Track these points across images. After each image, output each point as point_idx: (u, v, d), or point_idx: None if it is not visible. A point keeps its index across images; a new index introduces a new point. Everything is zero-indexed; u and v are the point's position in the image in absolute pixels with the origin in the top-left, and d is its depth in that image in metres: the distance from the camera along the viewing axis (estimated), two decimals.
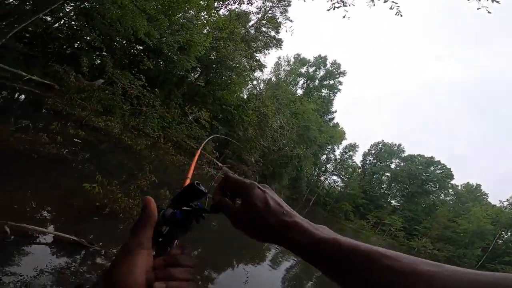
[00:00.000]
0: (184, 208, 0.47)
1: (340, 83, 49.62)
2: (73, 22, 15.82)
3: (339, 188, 52.71)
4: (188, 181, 0.57)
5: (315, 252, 0.40)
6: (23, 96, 10.47)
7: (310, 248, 0.40)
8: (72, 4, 14.47)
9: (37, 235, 3.59)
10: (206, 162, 12.52)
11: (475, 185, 51.17)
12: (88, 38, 15.08)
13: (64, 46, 15.98)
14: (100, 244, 4.07)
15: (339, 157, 51.45)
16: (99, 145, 9.37)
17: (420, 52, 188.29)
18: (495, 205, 46.16)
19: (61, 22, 15.76)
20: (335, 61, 49.74)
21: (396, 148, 56.26)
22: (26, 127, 5.81)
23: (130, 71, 14.93)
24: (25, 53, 12.24)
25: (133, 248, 0.38)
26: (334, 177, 52.39)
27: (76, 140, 7.86)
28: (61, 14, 15.05)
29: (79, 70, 12.41)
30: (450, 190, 50.40)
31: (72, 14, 15.41)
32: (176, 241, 0.46)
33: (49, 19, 14.78)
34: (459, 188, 51.01)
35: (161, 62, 18.93)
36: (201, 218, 0.48)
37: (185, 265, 0.41)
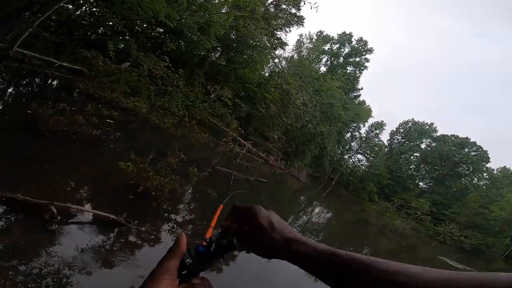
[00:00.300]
0: (206, 246, 0.51)
1: (367, 60, 48.30)
2: (94, 9, 16.13)
3: (363, 167, 51.37)
4: (211, 230, 0.59)
5: (320, 263, 0.44)
6: (55, 82, 11.06)
7: (314, 259, 0.44)
8: None
9: (77, 213, 3.78)
10: (232, 140, 12.70)
11: None
12: (110, 23, 15.36)
13: (89, 33, 16.45)
14: (136, 222, 4.23)
15: (364, 135, 49.80)
16: (129, 124, 9.82)
17: (457, 29, 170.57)
18: None
19: (82, 9, 16.11)
20: (361, 38, 48.34)
21: (427, 127, 52.78)
22: (63, 110, 6.07)
23: (153, 53, 15.18)
24: (53, 41, 12.77)
25: (160, 274, 0.43)
26: (359, 156, 51.04)
27: (108, 120, 8.26)
28: (81, 1, 15.37)
29: (106, 55, 12.82)
30: (484, 174, 46.87)
31: (92, 0, 15.70)
32: (199, 274, 0.50)
33: (70, 7, 15.14)
34: (495, 172, 47.32)
35: (182, 43, 19.01)
36: (223, 256, 0.52)
37: None
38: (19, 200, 3.20)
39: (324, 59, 49.69)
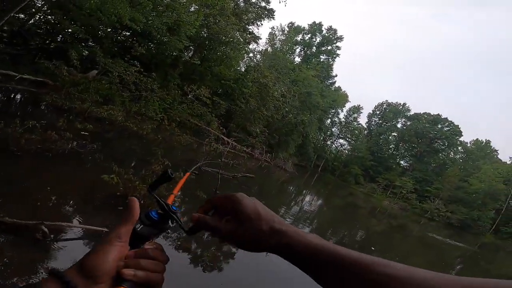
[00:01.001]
0: (160, 211, 0.49)
1: (338, 48, 50.06)
2: (49, 17, 15.20)
3: (346, 151, 52.99)
4: (172, 197, 0.58)
5: (309, 258, 0.40)
6: (19, 96, 10.34)
7: (304, 253, 0.41)
8: None
9: (69, 229, 3.71)
10: (214, 139, 12.52)
11: (484, 141, 50.24)
12: (70, 30, 14.53)
13: (47, 41, 15.51)
14: None
15: (343, 119, 51.19)
16: (105, 134, 9.39)
17: (414, 13, 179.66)
18: (506, 162, 45.74)
19: (36, 18, 15.20)
20: (330, 26, 50.12)
21: (401, 107, 55.21)
22: (33, 127, 5.76)
23: (122, 59, 14.59)
24: (9, 52, 11.88)
25: (111, 238, 0.41)
26: (341, 141, 52.64)
27: (83, 133, 7.85)
28: (33, 10, 14.45)
29: (69, 64, 12.12)
30: (459, 148, 49.63)
31: (45, 8, 14.76)
32: (150, 240, 0.48)
33: (22, 16, 14.21)
34: (468, 145, 50.10)
35: (151, 46, 18.42)
36: (178, 223, 0.49)
37: (155, 258, 0.43)
38: (8, 223, 3.17)
39: (298, 50, 50.79)
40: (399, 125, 54.60)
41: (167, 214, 0.49)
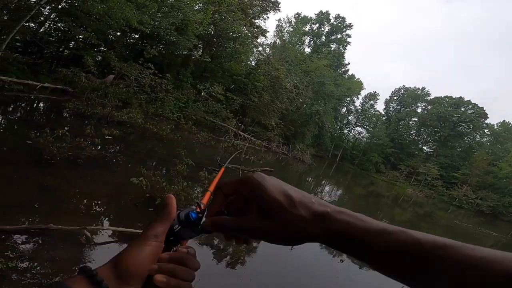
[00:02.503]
0: (199, 213, 0.45)
1: (348, 35, 49.30)
2: (58, 24, 15.58)
3: (364, 139, 51.68)
4: (208, 194, 0.53)
5: (374, 244, 0.32)
6: (41, 104, 10.71)
7: (368, 242, 0.32)
8: (48, 6, 14.10)
9: (108, 233, 3.89)
10: (233, 136, 12.53)
11: None
12: (81, 36, 14.84)
13: (61, 49, 15.94)
14: None
15: (360, 107, 49.87)
16: (128, 137, 9.58)
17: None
18: None
19: (46, 26, 15.57)
20: (338, 15, 49.36)
21: (420, 91, 52.94)
22: (63, 135, 5.98)
23: (136, 62, 14.85)
24: (26, 62, 12.34)
25: (148, 237, 0.40)
26: (358, 128, 51.44)
27: (107, 137, 8.04)
28: (41, 18, 14.80)
29: (85, 70, 12.43)
30: (485, 131, 46.75)
31: (53, 16, 15.13)
32: (185, 241, 0.47)
33: (32, 25, 14.60)
34: (495, 127, 47.02)
35: (161, 46, 18.60)
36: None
37: (189, 265, 0.41)
38: (53, 229, 3.33)
39: (307, 40, 50.04)
40: (419, 110, 52.50)
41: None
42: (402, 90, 54.91)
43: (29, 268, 2.81)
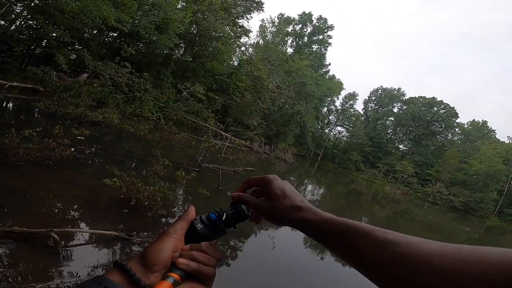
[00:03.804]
0: (219, 215, 0.53)
1: (330, 37, 50.34)
2: (30, 22, 14.83)
3: (345, 138, 53.08)
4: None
5: (324, 230, 0.44)
6: (10, 104, 10.15)
7: (319, 225, 0.45)
8: (20, 4, 13.41)
9: (78, 235, 3.77)
10: (212, 135, 12.44)
11: (481, 122, 50.23)
12: (54, 34, 14.19)
13: (32, 47, 15.16)
14: (134, 233, 4.22)
15: (340, 107, 51.17)
16: (103, 137, 9.27)
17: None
18: (504, 141, 45.60)
19: (17, 24, 14.81)
20: (320, 16, 50.25)
21: (396, 92, 55.29)
22: (30, 136, 5.70)
23: (112, 61, 14.37)
24: None
25: (168, 233, 0.46)
26: (339, 128, 52.67)
27: (79, 138, 7.73)
28: (12, 16, 14.09)
29: (57, 69, 11.87)
30: (457, 129, 49.69)
31: (25, 14, 14.39)
32: (210, 240, 0.50)
33: (2, 22, 13.87)
34: (466, 126, 50.01)
35: (141, 45, 18.11)
36: (234, 225, 0.54)
37: (208, 253, 0.46)
38: (18, 232, 3.23)
39: (289, 41, 50.44)
40: (395, 110, 54.73)
41: (225, 219, 0.52)
42: (380, 90, 57.00)
43: None
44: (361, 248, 0.39)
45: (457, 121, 48.82)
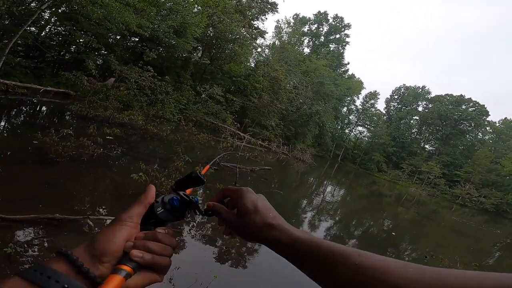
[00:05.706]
0: (183, 197, 0.51)
1: (347, 35, 49.56)
2: (59, 28, 15.82)
3: (366, 138, 51.61)
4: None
5: (293, 250, 0.43)
6: (45, 108, 10.94)
7: (291, 247, 0.43)
8: (48, 11, 14.33)
9: (107, 223, 4.05)
10: (230, 135, 12.70)
11: None
12: (82, 40, 15.14)
13: (62, 53, 16.21)
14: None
15: (360, 106, 49.90)
16: (129, 138, 9.80)
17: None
18: None
19: (47, 30, 15.82)
20: (336, 15, 49.59)
21: (420, 90, 52.94)
22: (68, 135, 6.22)
23: (135, 65, 15.14)
24: (28, 66, 12.60)
25: (122, 218, 0.43)
26: (359, 128, 51.33)
27: (108, 137, 8.26)
28: (42, 22, 15.06)
29: (87, 73, 12.68)
30: (487, 128, 46.63)
31: (54, 20, 15.36)
32: (165, 225, 0.49)
33: (33, 29, 14.77)
34: (497, 125, 46.74)
35: (161, 49, 18.88)
36: (194, 213, 0.52)
37: (163, 242, 0.43)
38: (58, 219, 3.55)
39: (306, 41, 50.24)
40: (420, 109, 52.44)
41: (187, 202, 0.50)
42: (403, 89, 54.88)
43: (34, 255, 3.00)
44: (335, 272, 0.37)
45: (487, 119, 45.73)
